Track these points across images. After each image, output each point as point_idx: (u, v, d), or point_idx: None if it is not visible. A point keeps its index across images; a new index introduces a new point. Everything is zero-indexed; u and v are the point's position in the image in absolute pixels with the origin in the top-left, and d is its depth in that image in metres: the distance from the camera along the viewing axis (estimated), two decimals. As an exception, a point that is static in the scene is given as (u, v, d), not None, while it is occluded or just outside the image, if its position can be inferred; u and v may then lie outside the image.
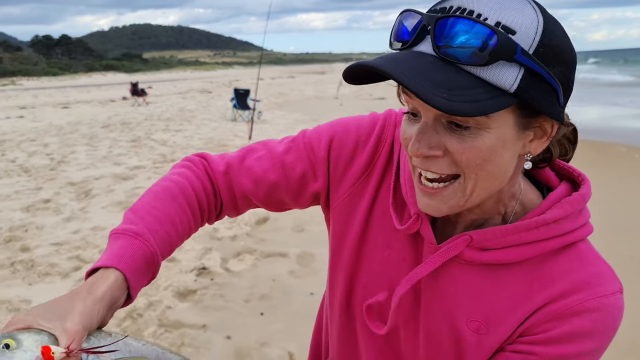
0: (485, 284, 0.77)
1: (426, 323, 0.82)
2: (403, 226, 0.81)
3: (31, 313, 0.66)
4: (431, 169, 0.70)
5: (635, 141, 10.54)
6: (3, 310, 3.65)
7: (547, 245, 0.74)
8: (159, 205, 0.85)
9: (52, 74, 78.87)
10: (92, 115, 17.16)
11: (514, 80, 0.63)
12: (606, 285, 0.73)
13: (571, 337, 0.72)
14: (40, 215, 5.79)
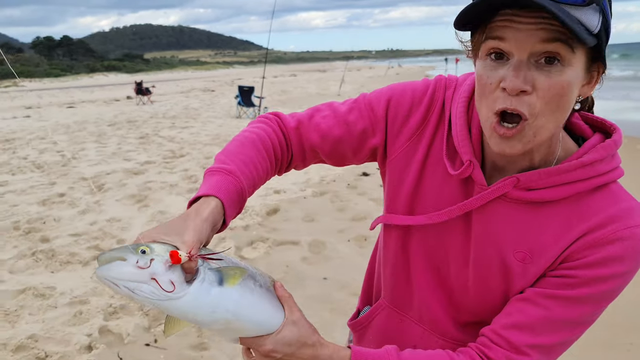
0: (529, 220, 0.88)
1: (476, 256, 0.94)
2: (456, 172, 0.93)
3: (154, 231, 0.80)
4: (518, 108, 0.78)
5: (636, 133, 10.67)
6: (30, 296, 3.80)
7: (584, 185, 0.86)
8: (244, 151, 0.98)
9: (54, 75, 79.00)
10: (98, 114, 17.31)
11: (597, 24, 0.75)
12: (636, 217, 0.84)
13: (606, 261, 0.83)
14: (56, 208, 5.94)
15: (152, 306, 0.76)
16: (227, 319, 0.80)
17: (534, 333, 0.86)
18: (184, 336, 3.28)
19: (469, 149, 0.92)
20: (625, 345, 3.19)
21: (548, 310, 0.86)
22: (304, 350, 0.85)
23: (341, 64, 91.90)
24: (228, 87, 33.21)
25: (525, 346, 0.86)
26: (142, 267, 0.73)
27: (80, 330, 3.33)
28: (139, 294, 0.73)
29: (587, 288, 0.84)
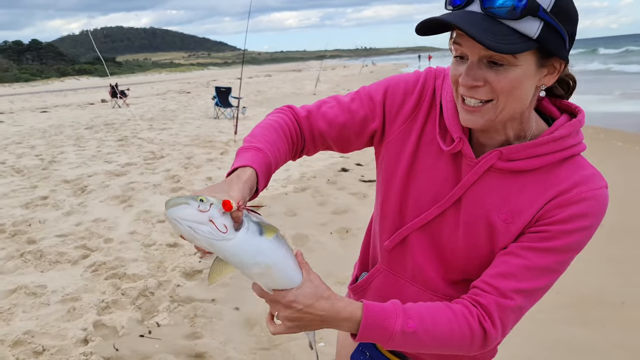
0: (510, 186, 1.06)
1: (465, 219, 1.11)
2: (448, 147, 1.11)
3: (205, 190, 0.96)
4: (474, 96, 0.99)
5: (601, 123, 11.07)
6: (22, 295, 3.88)
7: (554, 157, 1.04)
8: (269, 134, 1.15)
9: (24, 80, 77.55)
10: (74, 118, 17.18)
11: (536, 30, 0.91)
12: (596, 182, 1.03)
13: (572, 218, 1.01)
14: (40, 210, 5.98)
15: (207, 245, 0.91)
16: (266, 264, 0.95)
17: (517, 280, 1.02)
18: (177, 326, 3.41)
19: (459, 128, 1.10)
20: (593, 320, 3.41)
21: (528, 260, 1.02)
22: (321, 302, 0.99)
23: (316, 64, 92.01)
24: (204, 88, 33.10)
25: (511, 291, 1.02)
26: (202, 210, 0.88)
27: (75, 325, 3.43)
28: (199, 232, 0.89)
29: (558, 240, 1.02)
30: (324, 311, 0.99)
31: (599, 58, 46.76)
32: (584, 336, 3.22)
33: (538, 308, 3.63)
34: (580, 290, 3.78)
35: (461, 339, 1.03)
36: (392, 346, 1.02)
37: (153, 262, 4.42)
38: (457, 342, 1.04)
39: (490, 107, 0.99)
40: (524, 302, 1.04)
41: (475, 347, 1.05)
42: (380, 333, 1.00)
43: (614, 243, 4.61)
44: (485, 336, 1.04)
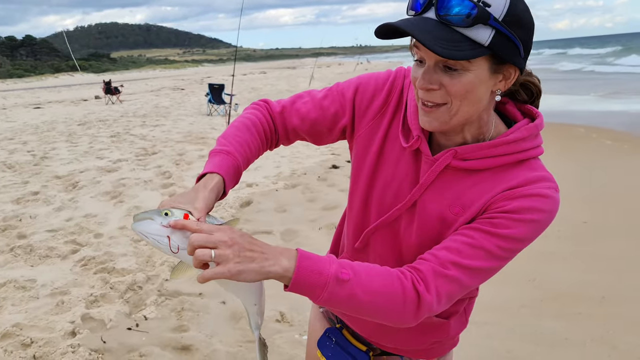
0: (463, 183, 1.10)
1: (421, 215, 1.16)
2: (408, 144, 1.17)
3: (173, 199, 1.03)
4: (430, 99, 1.04)
5: (593, 123, 11.17)
6: (11, 288, 3.91)
7: (508, 159, 1.08)
8: (240, 134, 1.22)
9: (18, 76, 77.06)
10: (67, 114, 17.14)
11: (488, 38, 0.95)
12: (547, 183, 1.06)
13: (520, 209, 1.03)
14: (31, 206, 6.00)
15: (170, 254, 0.99)
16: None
17: (458, 254, 1.04)
18: (164, 319, 3.46)
19: (418, 126, 1.15)
20: (573, 314, 3.48)
21: (472, 239, 1.04)
22: (257, 240, 0.99)
23: (311, 61, 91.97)
24: (198, 85, 33.06)
25: (449, 262, 1.03)
26: (164, 226, 0.97)
27: (63, 318, 3.47)
28: (162, 245, 0.98)
29: (505, 228, 1.03)
30: (261, 245, 0.97)
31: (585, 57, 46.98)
32: (565, 329, 3.29)
33: (521, 303, 3.72)
34: (563, 286, 3.86)
35: (394, 298, 1.02)
36: (325, 298, 0.99)
37: (142, 257, 4.46)
38: (390, 301, 1.02)
39: (445, 109, 1.04)
40: (462, 277, 1.04)
41: (408, 310, 1.03)
42: (314, 278, 0.97)
43: (597, 240, 4.69)
44: (419, 299, 1.02)
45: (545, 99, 4.59)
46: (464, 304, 1.32)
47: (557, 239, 4.71)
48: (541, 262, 4.24)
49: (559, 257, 4.36)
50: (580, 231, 4.94)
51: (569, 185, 6.45)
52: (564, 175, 6.92)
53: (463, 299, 1.29)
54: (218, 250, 0.91)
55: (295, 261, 0.97)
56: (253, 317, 1.17)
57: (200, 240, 0.91)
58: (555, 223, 4.15)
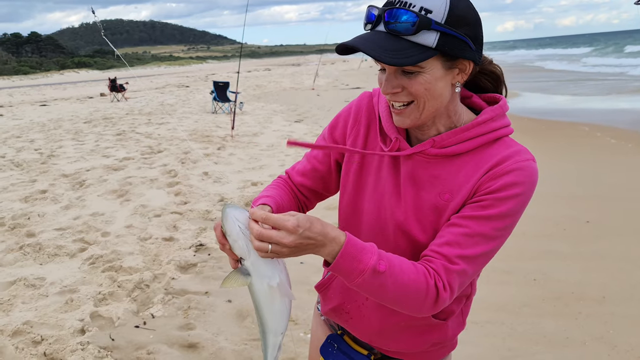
0: (448, 169, 1.19)
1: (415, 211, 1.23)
2: (387, 148, 1.25)
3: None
4: (397, 100, 1.15)
5: (597, 120, 11.17)
6: (21, 286, 3.98)
7: (483, 139, 1.18)
8: (272, 190, 1.37)
9: (23, 73, 77.40)
10: (73, 112, 17.25)
11: (434, 40, 1.06)
12: (523, 155, 1.15)
13: (505, 187, 1.12)
14: (39, 204, 6.08)
15: (243, 245, 1.08)
16: (280, 278, 1.15)
17: (460, 247, 1.13)
18: (171, 317, 3.52)
19: (394, 130, 1.25)
20: (574, 314, 3.52)
21: (468, 228, 1.13)
22: (315, 224, 1.07)
23: (315, 58, 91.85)
24: (202, 82, 33.13)
25: (455, 257, 1.12)
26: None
27: (72, 316, 3.54)
28: (245, 233, 1.07)
29: (494, 208, 1.12)
30: (317, 233, 1.05)
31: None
32: (566, 329, 3.34)
33: (523, 302, 3.75)
34: (564, 285, 3.90)
35: (417, 292, 1.10)
36: (357, 283, 1.08)
37: (149, 255, 4.53)
38: (414, 294, 1.10)
39: (413, 107, 1.14)
40: (468, 267, 1.13)
41: (427, 304, 1.12)
42: (354, 265, 1.06)
43: (599, 239, 4.72)
44: (437, 295, 1.11)
45: (548, 98, 4.69)
46: (461, 304, 1.37)
47: (561, 238, 4.75)
48: (543, 262, 4.28)
49: (560, 256, 4.40)
50: (582, 230, 4.97)
51: (572, 184, 6.49)
52: (567, 173, 6.98)
53: (460, 299, 1.34)
54: (275, 247, 1.03)
55: (342, 247, 1.06)
56: (272, 351, 1.23)
57: (263, 235, 1.03)
58: (560, 221, 4.26)
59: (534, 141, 9.01)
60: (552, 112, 13.02)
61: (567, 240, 4.71)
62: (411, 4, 1.06)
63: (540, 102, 15.45)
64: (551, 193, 5.89)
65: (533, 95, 17.02)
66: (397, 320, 1.32)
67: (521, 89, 19.13)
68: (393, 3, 1.08)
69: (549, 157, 7.80)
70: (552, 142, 9.12)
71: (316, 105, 16.47)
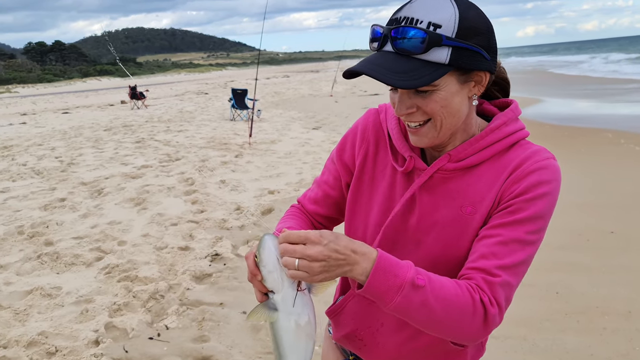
0: (467, 181, 1.14)
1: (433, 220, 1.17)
2: (402, 168, 1.20)
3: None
4: (412, 120, 1.10)
5: (621, 127, 10.94)
6: (37, 296, 3.99)
7: (499, 145, 1.13)
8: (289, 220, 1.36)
9: (47, 81, 78.90)
10: (94, 119, 17.47)
11: (446, 56, 1.00)
12: (544, 154, 1.11)
13: (530, 187, 1.08)
14: (58, 213, 6.13)
15: (276, 277, 1.03)
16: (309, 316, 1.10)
17: (497, 257, 1.06)
18: (185, 329, 3.49)
19: (407, 148, 1.20)
20: (598, 329, 3.41)
21: (500, 236, 1.07)
22: (341, 238, 1.01)
23: (334, 64, 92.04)
24: (221, 89, 33.36)
25: (494, 268, 1.06)
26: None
27: (87, 326, 3.53)
28: (280, 263, 1.01)
29: (523, 211, 1.07)
30: (345, 247, 0.98)
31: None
32: (590, 345, 3.22)
33: (545, 317, 3.64)
34: (588, 299, 3.78)
35: (464, 309, 1.02)
36: (397, 302, 0.99)
37: (164, 265, 4.51)
38: (460, 312, 1.02)
39: (430, 126, 1.09)
40: (510, 278, 1.06)
41: (476, 323, 1.04)
42: (391, 281, 0.99)
43: (625, 251, 4.58)
44: (486, 312, 1.04)
45: (571, 104, 4.56)
46: None
47: (584, 250, 4.63)
48: (566, 274, 4.16)
49: (584, 268, 4.27)
50: (607, 241, 4.83)
51: (595, 193, 6.34)
52: (590, 182, 6.82)
53: None
54: (303, 262, 0.97)
55: (374, 263, 0.99)
56: None
57: (288, 249, 0.99)
58: (583, 232, 4.12)
59: (555, 148, 8.77)
60: (574, 118, 12.80)
61: (590, 252, 4.58)
62: (418, 20, 1.00)
63: (563, 108, 15.21)
64: (573, 202, 5.75)
65: (555, 101, 16.77)
66: (415, 346, 1.25)
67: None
68: (398, 20, 1.03)
69: (570, 165, 7.64)
70: (574, 149, 8.95)
71: (334, 112, 16.44)
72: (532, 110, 14.13)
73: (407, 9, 1.03)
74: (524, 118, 1.23)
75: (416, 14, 1.01)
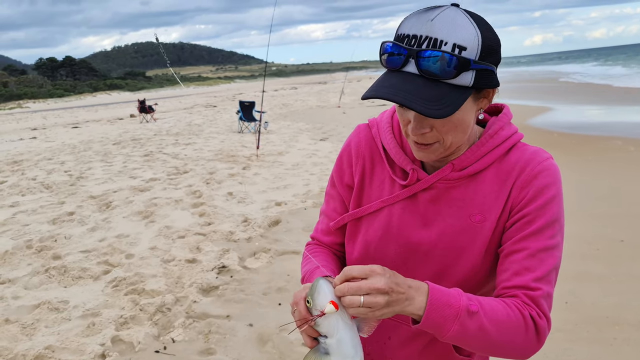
0: (472, 189, 1.15)
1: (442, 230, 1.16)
2: (406, 181, 1.19)
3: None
4: (423, 141, 1.08)
5: (630, 134, 10.85)
6: (45, 310, 4.00)
7: (499, 150, 1.15)
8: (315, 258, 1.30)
9: (58, 96, 79.73)
10: (103, 133, 17.61)
11: (471, 79, 1.00)
12: (542, 155, 1.13)
13: (538, 193, 1.10)
14: (66, 226, 6.16)
15: (332, 320, 1.00)
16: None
17: (530, 271, 1.08)
18: (192, 342, 3.48)
19: (408, 161, 1.19)
20: (609, 339, 3.36)
21: (527, 250, 1.09)
22: (397, 275, 1.01)
23: (342, 75, 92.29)
24: (230, 102, 33.54)
25: (532, 282, 1.07)
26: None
27: (93, 340, 3.53)
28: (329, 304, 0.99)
29: (540, 219, 1.09)
30: (403, 282, 0.99)
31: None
32: (600, 356, 3.18)
33: (555, 327, 3.60)
34: (598, 309, 3.73)
35: (518, 327, 1.04)
36: (455, 331, 1.00)
37: (171, 277, 4.51)
38: (514, 331, 1.04)
39: (438, 145, 1.09)
40: (547, 287, 1.09)
41: (530, 338, 1.06)
42: (446, 312, 0.99)
43: (635, 260, 4.52)
44: (536, 326, 1.06)
45: (580, 112, 4.55)
46: None
47: (594, 258, 4.57)
48: (576, 283, 4.11)
49: (594, 277, 4.22)
50: (617, 250, 4.78)
51: (604, 201, 6.28)
52: (599, 190, 6.76)
53: None
54: (368, 298, 0.95)
55: (427, 297, 1.00)
56: None
57: (352, 287, 0.97)
58: (592, 241, 4.09)
59: (564, 156, 8.80)
60: (583, 126, 12.72)
61: (600, 261, 4.53)
62: (443, 42, 0.98)
63: (572, 115, 15.13)
64: (583, 211, 5.70)
65: (564, 109, 16.69)
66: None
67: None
68: (419, 39, 1.00)
69: (579, 173, 7.58)
70: (583, 157, 8.89)
71: (342, 123, 16.45)
72: (541, 119, 14.07)
73: (428, 27, 0.99)
74: (533, 127, 1.24)
75: (439, 34, 0.98)
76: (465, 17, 1.00)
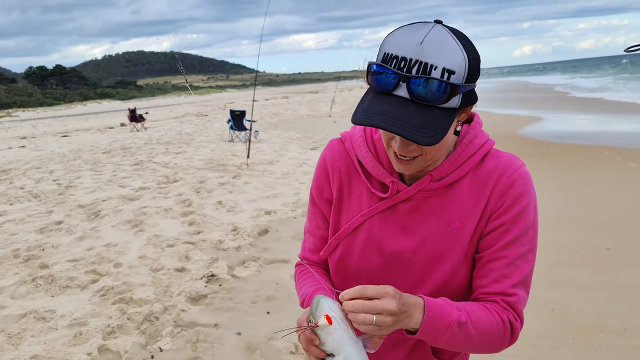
0: (451, 198, 1.18)
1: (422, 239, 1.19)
2: (385, 194, 1.21)
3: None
4: (407, 154, 1.11)
5: (618, 144, 10.98)
6: (31, 319, 3.98)
7: (475, 159, 1.19)
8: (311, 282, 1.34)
9: (48, 104, 79.34)
10: (93, 142, 17.54)
11: (458, 102, 1.04)
12: (516, 162, 1.19)
13: (514, 201, 1.15)
14: (54, 235, 6.13)
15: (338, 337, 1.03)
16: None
17: (507, 277, 1.15)
18: (179, 351, 3.47)
19: (386, 174, 1.22)
20: (593, 346, 3.39)
21: (505, 258, 1.15)
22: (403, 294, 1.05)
23: (333, 85, 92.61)
24: (221, 111, 33.53)
25: (509, 288, 1.15)
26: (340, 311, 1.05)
27: (80, 349, 3.51)
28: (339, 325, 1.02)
29: (516, 227, 1.15)
30: (406, 300, 1.04)
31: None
32: (585, 363, 3.21)
33: (540, 334, 3.63)
34: (583, 316, 3.76)
35: (498, 332, 1.13)
36: (445, 340, 1.08)
37: (160, 286, 4.50)
38: (495, 335, 1.13)
39: (420, 159, 1.13)
40: (523, 292, 1.17)
41: (506, 340, 1.16)
42: (439, 324, 1.06)
43: (620, 268, 4.57)
44: (512, 329, 1.15)
45: (569, 121, 4.62)
46: None
47: (579, 267, 4.62)
48: (561, 291, 4.15)
49: (579, 285, 4.26)
50: (602, 258, 4.83)
51: (590, 210, 6.34)
52: (585, 198, 6.83)
53: None
54: (380, 317, 1.00)
55: (424, 312, 1.06)
56: None
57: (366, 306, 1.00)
58: (578, 249, 4.13)
59: (552, 166, 8.90)
60: (572, 135, 12.85)
61: (586, 269, 4.57)
62: (433, 66, 0.99)
63: (560, 125, 15.28)
64: (569, 219, 5.76)
65: (553, 119, 16.85)
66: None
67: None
68: (409, 63, 1.00)
69: (567, 182, 7.66)
70: (570, 166, 8.98)
71: (332, 132, 16.49)
72: (531, 129, 14.20)
73: (417, 51, 1.00)
74: (523, 136, 1.28)
75: (429, 59, 0.99)
76: (452, 40, 1.01)
